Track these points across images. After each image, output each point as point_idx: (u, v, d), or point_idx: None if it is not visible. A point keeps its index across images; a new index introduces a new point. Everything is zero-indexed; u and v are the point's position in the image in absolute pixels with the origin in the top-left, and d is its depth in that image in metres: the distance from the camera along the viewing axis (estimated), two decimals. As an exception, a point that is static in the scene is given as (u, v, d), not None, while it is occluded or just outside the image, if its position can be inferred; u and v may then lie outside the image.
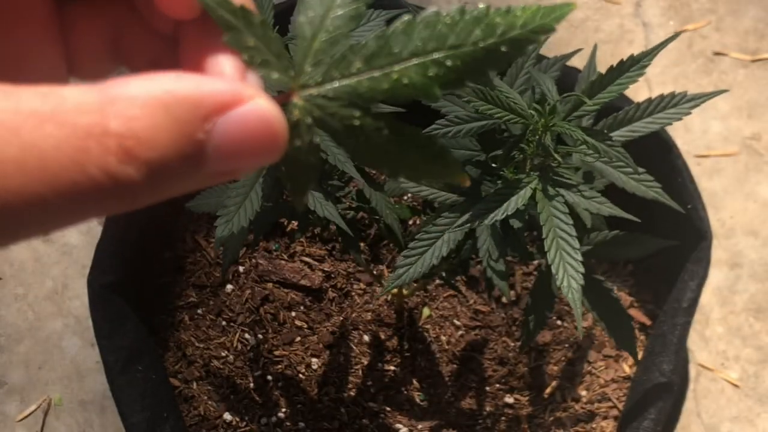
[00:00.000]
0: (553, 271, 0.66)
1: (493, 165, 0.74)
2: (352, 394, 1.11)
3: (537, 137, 0.69)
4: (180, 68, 0.30)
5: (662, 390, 0.99)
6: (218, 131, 0.26)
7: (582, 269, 0.66)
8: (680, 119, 0.74)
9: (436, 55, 0.29)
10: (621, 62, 0.69)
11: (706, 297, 1.22)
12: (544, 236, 0.66)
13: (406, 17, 0.30)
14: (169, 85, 0.26)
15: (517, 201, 0.66)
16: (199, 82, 0.27)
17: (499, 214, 0.66)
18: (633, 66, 0.69)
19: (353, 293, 1.16)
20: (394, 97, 0.29)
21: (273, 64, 0.29)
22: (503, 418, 1.11)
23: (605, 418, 1.11)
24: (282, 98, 0.29)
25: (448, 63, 0.29)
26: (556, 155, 0.68)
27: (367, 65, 0.29)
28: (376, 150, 0.30)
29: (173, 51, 0.32)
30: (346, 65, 0.29)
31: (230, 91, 0.27)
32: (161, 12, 0.30)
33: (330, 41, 0.30)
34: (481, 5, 0.30)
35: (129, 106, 0.25)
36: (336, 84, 0.29)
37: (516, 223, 0.72)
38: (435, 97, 0.29)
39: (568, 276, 0.66)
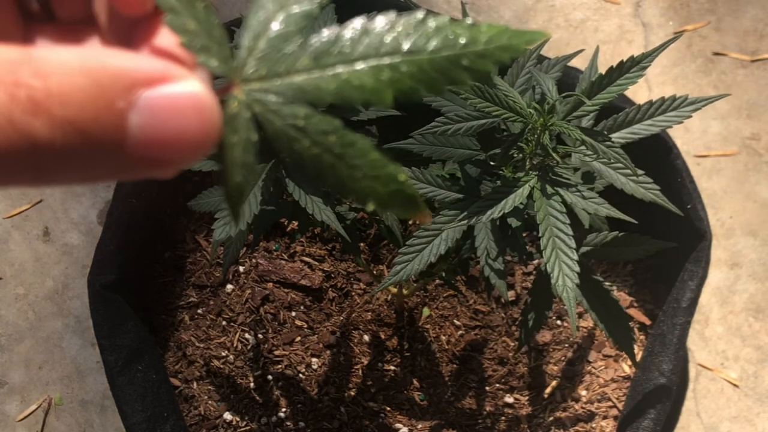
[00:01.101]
0: (549, 269, 0.66)
1: (492, 164, 0.74)
2: (352, 393, 1.11)
3: (536, 136, 0.69)
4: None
5: (662, 390, 0.99)
6: (142, 105, 0.25)
7: (577, 269, 0.66)
8: (681, 122, 0.74)
9: (390, 60, 0.28)
10: (621, 63, 0.69)
11: (706, 297, 1.22)
12: (540, 235, 0.66)
13: (359, 20, 0.28)
14: (96, 51, 0.25)
15: (514, 199, 0.66)
16: (132, 56, 0.26)
17: (496, 212, 0.66)
18: (633, 67, 0.69)
19: (353, 293, 1.17)
20: (343, 98, 0.28)
21: (213, 51, 0.28)
22: (503, 417, 1.11)
23: (605, 417, 1.11)
24: (221, 90, 0.28)
25: (403, 68, 0.28)
26: (554, 155, 0.68)
27: (316, 63, 0.28)
28: (319, 161, 0.28)
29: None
30: (293, 61, 0.28)
31: (162, 66, 0.26)
32: (123, 12, 0.30)
33: (279, 37, 0.29)
34: (469, 20, 0.29)
35: (48, 64, 0.24)
36: (281, 80, 0.28)
37: (514, 222, 0.73)
38: (386, 103, 0.27)
39: (564, 275, 0.66)
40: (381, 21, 0.28)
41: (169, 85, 0.26)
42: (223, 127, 0.27)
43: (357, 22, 0.28)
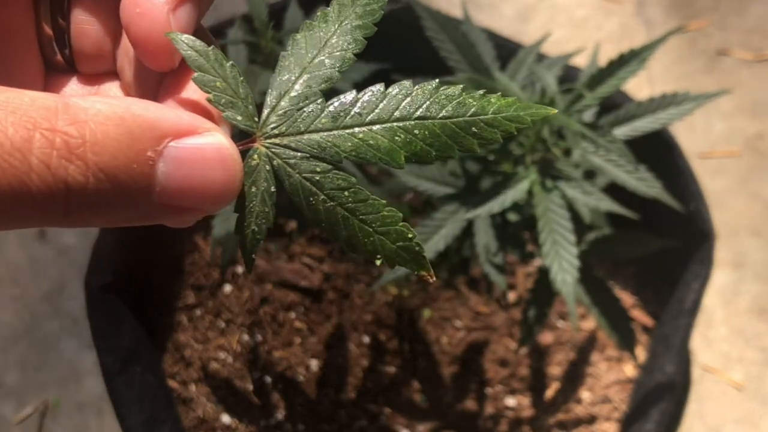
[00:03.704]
0: (547, 264, 0.65)
1: (491, 159, 0.73)
2: (351, 395, 1.10)
3: (535, 131, 0.68)
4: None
5: (665, 392, 0.98)
6: (170, 155, 0.27)
7: (577, 263, 0.66)
8: (682, 119, 0.74)
9: (404, 123, 0.30)
10: (621, 55, 0.68)
11: (709, 298, 1.21)
12: (539, 229, 0.66)
13: (378, 86, 0.31)
14: (129, 102, 0.27)
15: (514, 194, 0.66)
16: (162, 107, 0.27)
17: (496, 207, 0.65)
18: (633, 59, 0.68)
19: (353, 294, 1.16)
20: (359, 156, 0.30)
21: (238, 107, 0.30)
22: (504, 420, 1.10)
23: (607, 420, 1.10)
24: (244, 143, 0.30)
25: (416, 132, 0.30)
26: (554, 149, 0.67)
27: (334, 122, 0.30)
28: (333, 214, 0.30)
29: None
30: (312, 119, 0.30)
31: (189, 119, 0.28)
32: (148, 65, 0.32)
33: (300, 97, 0.31)
34: (481, 91, 0.31)
35: (82, 112, 0.26)
36: (300, 137, 0.30)
37: (513, 217, 0.72)
38: (399, 164, 0.30)
39: (563, 270, 0.65)
40: (397, 88, 0.31)
41: (195, 138, 0.27)
42: (244, 178, 0.30)
43: (375, 88, 0.31)
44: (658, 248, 0.95)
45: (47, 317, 1.21)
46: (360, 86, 0.32)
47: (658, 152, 1.05)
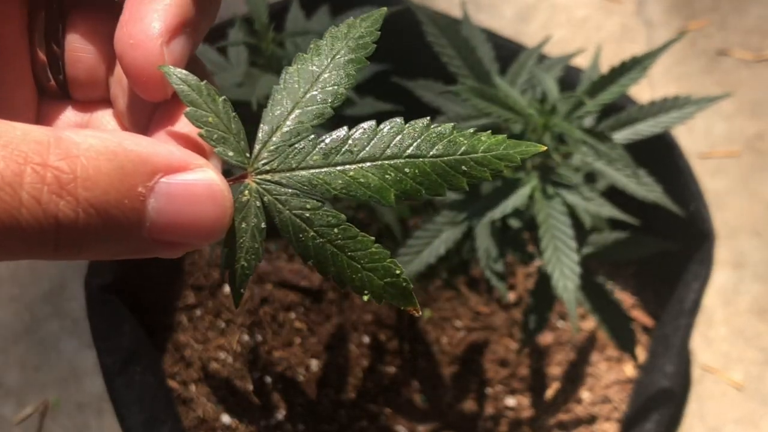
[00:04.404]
0: (549, 270, 0.65)
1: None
2: (351, 395, 1.10)
3: (536, 137, 0.68)
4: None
5: (665, 392, 0.98)
6: (161, 190, 0.27)
7: (578, 270, 0.66)
8: (683, 122, 0.74)
9: (395, 161, 0.30)
10: (623, 63, 0.68)
11: (710, 298, 1.21)
12: (540, 235, 0.66)
13: (369, 123, 0.31)
14: (121, 137, 0.27)
15: (515, 200, 0.65)
16: (153, 143, 0.27)
17: (496, 213, 0.65)
18: (635, 66, 0.68)
19: (353, 294, 1.16)
20: (349, 194, 0.30)
21: (230, 143, 0.30)
22: (504, 420, 1.10)
23: (607, 420, 1.10)
24: (235, 178, 0.30)
25: (407, 170, 0.30)
26: (555, 155, 0.67)
27: (325, 159, 0.30)
28: (322, 250, 0.30)
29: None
30: (304, 156, 0.31)
31: (181, 155, 0.28)
32: (141, 95, 0.32)
33: (292, 133, 0.31)
34: (471, 130, 0.31)
35: (74, 147, 0.26)
36: (291, 173, 0.30)
37: (515, 223, 0.72)
38: (389, 201, 0.30)
39: (564, 276, 0.65)
40: (388, 125, 0.31)
41: (187, 174, 0.28)
42: (234, 214, 0.30)
43: (366, 125, 0.31)
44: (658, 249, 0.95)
45: (47, 317, 1.21)
46: (360, 87, 0.32)
47: (658, 152, 1.05)
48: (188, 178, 0.27)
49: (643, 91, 1.32)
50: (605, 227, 0.82)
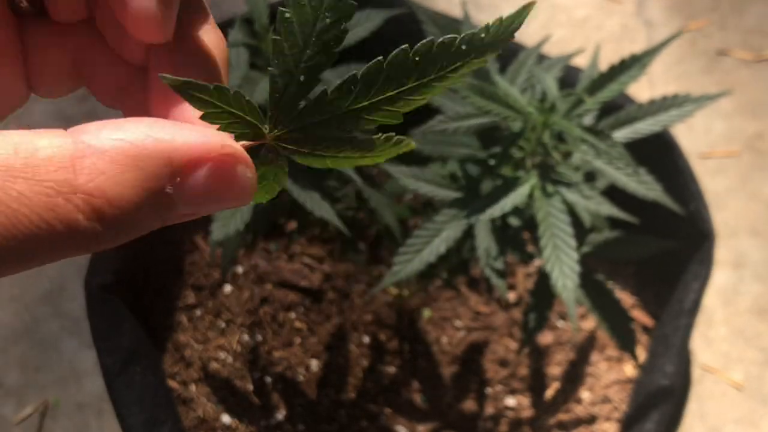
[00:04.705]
0: (548, 269, 0.65)
1: (491, 163, 0.73)
2: (351, 395, 1.10)
3: (536, 135, 0.68)
4: (149, 96, 0.31)
5: (665, 392, 0.98)
6: (188, 185, 0.27)
7: (577, 269, 0.66)
8: (683, 121, 0.74)
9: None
10: (622, 60, 0.68)
11: (709, 298, 1.21)
12: (540, 234, 0.66)
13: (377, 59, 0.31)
14: (140, 136, 0.26)
15: (514, 198, 0.65)
16: (171, 132, 0.27)
17: (496, 211, 0.65)
18: (634, 64, 0.68)
19: (353, 295, 1.16)
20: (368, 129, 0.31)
21: (250, 129, 0.30)
22: (504, 420, 1.10)
23: (607, 420, 1.10)
24: (253, 144, 0.30)
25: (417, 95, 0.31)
26: (555, 153, 0.67)
27: (338, 107, 0.31)
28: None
29: (140, 78, 0.32)
30: (318, 109, 0.30)
31: (201, 143, 0.27)
32: (132, 36, 0.30)
33: (301, 88, 0.31)
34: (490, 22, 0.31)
35: (98, 161, 0.26)
36: (306, 129, 0.31)
37: (514, 221, 0.72)
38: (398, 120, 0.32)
39: (563, 275, 0.65)
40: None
41: (211, 165, 0.28)
42: (257, 177, 0.30)
43: (372, 64, 0.31)
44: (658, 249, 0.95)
45: (47, 317, 1.21)
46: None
47: (658, 152, 1.05)
48: (212, 168, 0.28)
49: (643, 91, 1.32)
50: (605, 226, 0.82)
